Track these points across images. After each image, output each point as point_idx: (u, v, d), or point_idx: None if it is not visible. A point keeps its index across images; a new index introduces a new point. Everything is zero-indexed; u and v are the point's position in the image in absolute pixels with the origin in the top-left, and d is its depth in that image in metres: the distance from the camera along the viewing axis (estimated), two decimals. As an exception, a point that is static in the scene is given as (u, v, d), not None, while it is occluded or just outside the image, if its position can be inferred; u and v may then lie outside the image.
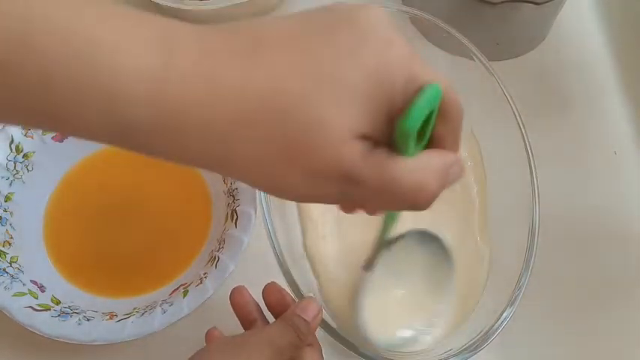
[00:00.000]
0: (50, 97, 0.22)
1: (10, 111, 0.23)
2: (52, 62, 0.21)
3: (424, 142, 0.26)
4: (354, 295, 0.44)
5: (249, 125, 0.23)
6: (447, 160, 0.26)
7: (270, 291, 0.41)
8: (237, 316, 0.41)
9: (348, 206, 0.33)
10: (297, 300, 0.40)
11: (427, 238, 0.44)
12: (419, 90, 0.23)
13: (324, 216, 0.48)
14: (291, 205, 0.48)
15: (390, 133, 0.24)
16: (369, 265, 0.42)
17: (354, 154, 0.23)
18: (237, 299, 0.41)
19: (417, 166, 0.25)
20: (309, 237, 0.47)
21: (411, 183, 0.24)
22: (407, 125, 0.23)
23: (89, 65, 0.21)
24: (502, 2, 0.51)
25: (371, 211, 0.33)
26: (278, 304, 0.39)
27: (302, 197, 0.26)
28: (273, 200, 0.43)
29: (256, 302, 0.41)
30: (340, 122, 0.23)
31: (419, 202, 0.25)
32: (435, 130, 0.26)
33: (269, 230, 0.41)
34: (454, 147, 0.27)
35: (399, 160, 0.24)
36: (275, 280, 0.41)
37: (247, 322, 0.41)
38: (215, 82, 0.22)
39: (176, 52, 0.22)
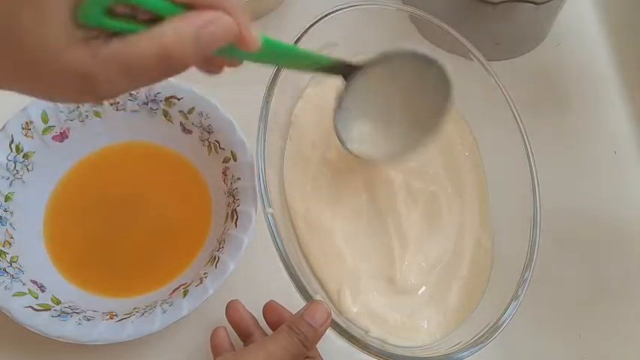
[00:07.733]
0: None
1: None
2: None
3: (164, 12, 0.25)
4: None
5: None
6: (197, 21, 0.25)
7: (269, 310, 0.41)
8: (235, 330, 0.41)
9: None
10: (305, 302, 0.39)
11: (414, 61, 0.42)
12: None
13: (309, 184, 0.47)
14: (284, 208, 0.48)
15: None
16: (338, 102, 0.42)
17: (80, 58, 0.23)
18: (233, 315, 0.41)
19: (151, 35, 0.24)
20: (301, 234, 0.47)
21: (152, 52, 0.24)
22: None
23: None
24: (502, 2, 0.51)
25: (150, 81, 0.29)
26: (279, 323, 0.39)
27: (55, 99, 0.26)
28: (276, 205, 0.42)
29: (252, 316, 0.42)
30: (54, 36, 0.23)
31: (173, 67, 0.25)
32: None
33: (273, 233, 0.41)
34: (218, 4, 0.26)
35: (128, 39, 0.24)
36: (275, 280, 0.41)
37: (245, 336, 0.41)
38: None
39: None
